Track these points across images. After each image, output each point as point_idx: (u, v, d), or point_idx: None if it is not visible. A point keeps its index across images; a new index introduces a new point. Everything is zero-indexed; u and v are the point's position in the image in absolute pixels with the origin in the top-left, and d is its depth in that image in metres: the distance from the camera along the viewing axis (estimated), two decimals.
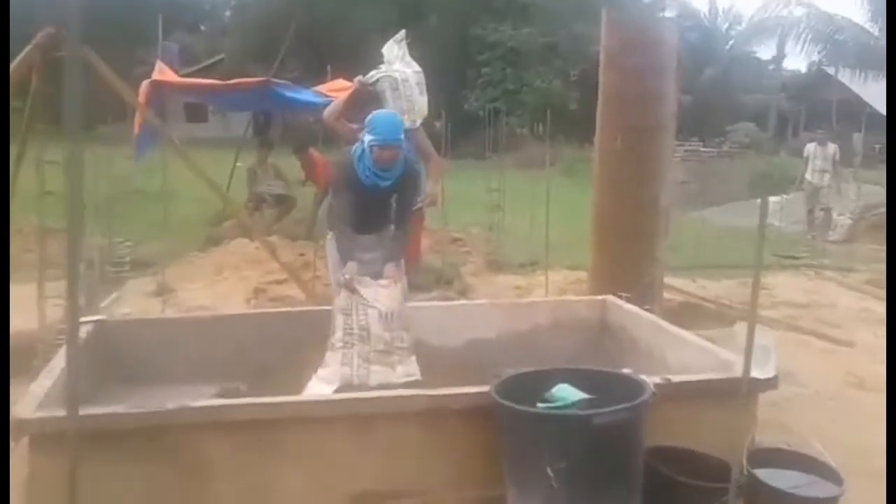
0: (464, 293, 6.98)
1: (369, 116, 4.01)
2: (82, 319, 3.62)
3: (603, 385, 2.77)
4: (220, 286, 6.85)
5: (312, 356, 3.71)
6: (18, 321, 5.15)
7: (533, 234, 8.25)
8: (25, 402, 2.59)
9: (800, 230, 12.29)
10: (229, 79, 10.41)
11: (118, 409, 2.55)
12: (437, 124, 11.71)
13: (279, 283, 6.50)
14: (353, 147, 4.05)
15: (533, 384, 2.77)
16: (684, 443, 2.90)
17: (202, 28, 39.40)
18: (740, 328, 5.50)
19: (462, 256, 8.90)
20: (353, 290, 3.75)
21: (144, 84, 8.69)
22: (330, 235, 4.39)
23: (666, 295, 5.98)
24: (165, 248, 8.02)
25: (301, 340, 3.77)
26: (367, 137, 3.87)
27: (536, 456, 2.49)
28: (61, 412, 2.53)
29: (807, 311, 7.20)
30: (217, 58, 30.54)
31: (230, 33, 33.22)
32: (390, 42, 4.96)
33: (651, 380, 2.89)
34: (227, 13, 38.49)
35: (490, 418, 2.69)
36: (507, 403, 2.55)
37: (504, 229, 9.99)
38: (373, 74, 4.78)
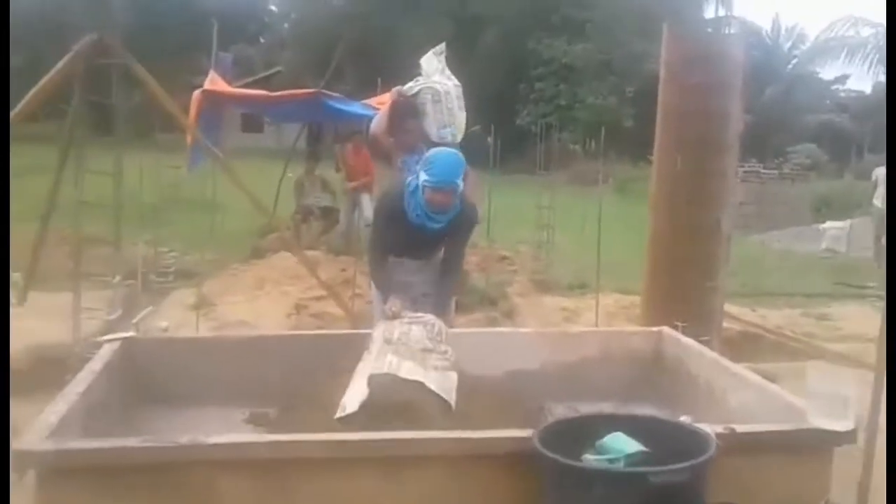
0: (509, 315, 6.74)
1: (428, 153, 3.70)
2: (111, 337, 3.50)
3: (659, 434, 2.49)
4: (260, 301, 6.74)
5: (347, 381, 3.50)
6: (54, 332, 5.13)
7: (582, 253, 7.97)
8: (34, 430, 2.40)
9: (866, 258, 11.69)
10: (285, 90, 10.39)
11: (129, 442, 2.37)
12: (489, 139, 11.52)
13: (319, 299, 6.35)
14: (409, 180, 3.76)
15: (581, 430, 2.51)
16: (747, 501, 2.60)
17: (262, 40, 40.03)
18: (814, 369, 5.13)
19: (509, 275, 8.65)
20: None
21: (196, 93, 8.70)
22: None
23: (724, 324, 5.65)
24: (211, 260, 7.96)
25: (337, 364, 3.56)
26: (422, 176, 3.58)
27: None
28: (76, 443, 2.39)
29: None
30: (274, 70, 30.97)
31: (289, 46, 33.64)
32: (429, 54, 4.76)
33: (713, 429, 2.61)
34: (286, 26, 39.00)
35: (532, 466, 2.44)
36: (552, 455, 2.29)
37: (553, 247, 9.70)
38: (411, 86, 4.58)
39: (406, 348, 3.36)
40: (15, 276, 5.64)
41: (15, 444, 2.28)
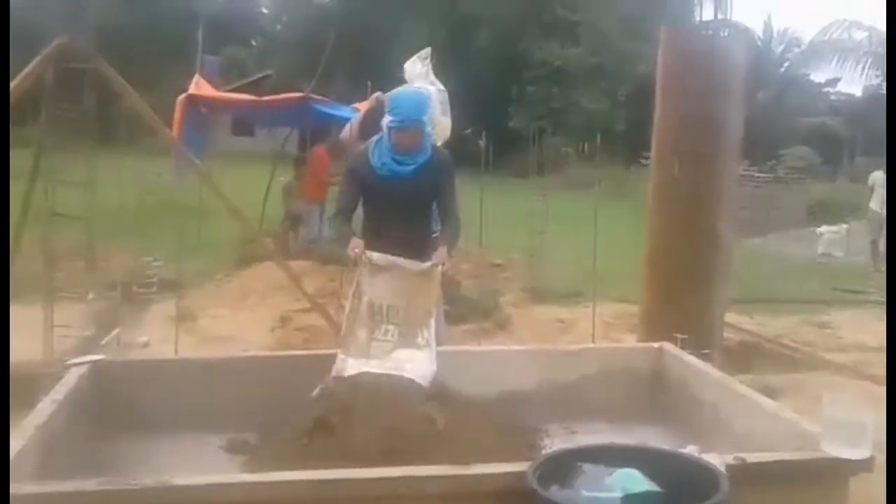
0: (503, 326, 6.55)
1: (390, 95, 3.57)
2: (77, 360, 3.29)
3: (665, 467, 2.30)
4: (244, 313, 6.52)
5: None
6: (28, 349, 4.90)
7: (576, 259, 7.77)
8: None
9: (863, 262, 11.56)
10: (277, 94, 10.19)
11: (85, 485, 2.15)
12: (481, 142, 11.36)
13: (305, 311, 6.13)
14: (372, 138, 3.62)
15: (582, 461, 2.31)
16: None
17: (253, 43, 39.72)
18: (820, 384, 4.92)
19: (502, 283, 8.46)
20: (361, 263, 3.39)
21: (180, 98, 8.51)
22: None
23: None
24: (197, 268, 7.73)
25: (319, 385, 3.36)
26: (387, 118, 3.46)
27: None
28: (26, 486, 2.18)
29: (879, 355, 6.56)
30: (264, 73, 30.68)
31: (280, 48, 33.37)
32: (413, 59, 4.60)
33: (722, 459, 2.43)
34: (278, 27, 38.71)
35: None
36: (552, 499, 2.09)
37: (546, 253, 9.51)
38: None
39: (352, 338, 3.35)
40: None
41: None
